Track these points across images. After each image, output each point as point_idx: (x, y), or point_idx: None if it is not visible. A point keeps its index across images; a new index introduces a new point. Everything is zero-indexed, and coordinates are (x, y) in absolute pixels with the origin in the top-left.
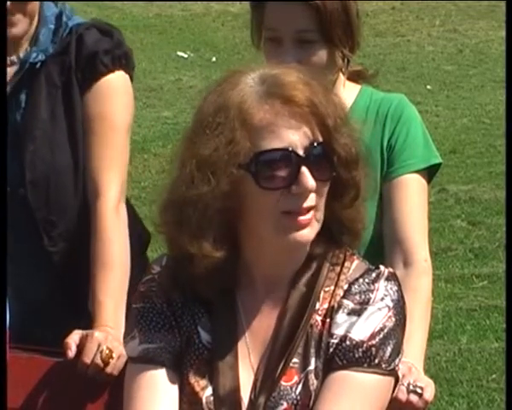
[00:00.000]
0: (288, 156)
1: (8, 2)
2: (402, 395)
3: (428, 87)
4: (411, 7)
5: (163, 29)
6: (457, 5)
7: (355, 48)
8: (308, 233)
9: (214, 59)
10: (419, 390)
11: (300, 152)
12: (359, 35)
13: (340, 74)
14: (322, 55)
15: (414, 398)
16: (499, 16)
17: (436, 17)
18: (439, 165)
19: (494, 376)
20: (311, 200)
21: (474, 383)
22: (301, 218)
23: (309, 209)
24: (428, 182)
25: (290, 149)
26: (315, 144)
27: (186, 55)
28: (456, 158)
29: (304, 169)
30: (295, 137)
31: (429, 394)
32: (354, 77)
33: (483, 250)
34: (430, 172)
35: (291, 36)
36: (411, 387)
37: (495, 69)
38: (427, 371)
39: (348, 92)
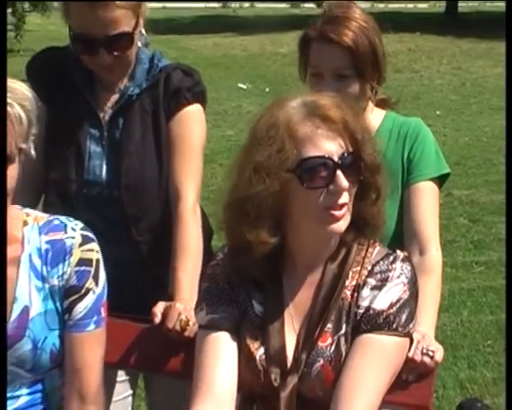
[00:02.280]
0: (326, 162)
1: (109, 59)
2: (417, 356)
3: (437, 113)
4: (424, 49)
5: (227, 66)
6: (460, 47)
7: (381, 81)
8: (342, 225)
9: (267, 89)
10: (431, 353)
11: (336, 159)
12: (385, 71)
13: (369, 102)
14: (355, 87)
15: (427, 359)
16: (494, 56)
17: (443, 57)
18: (447, 174)
19: (489, 342)
20: (344, 197)
21: (473, 348)
22: (337, 213)
23: (343, 205)
24: (439, 187)
25: (328, 156)
26: (347, 153)
27: (245, 87)
28: (460, 169)
29: (339, 172)
30: (332, 147)
31: (439, 356)
32: (380, 104)
33: (481, 242)
34: (441, 180)
35: (331, 72)
36: (425, 350)
37: (491, 99)
38: (436, 338)
39: (375, 116)
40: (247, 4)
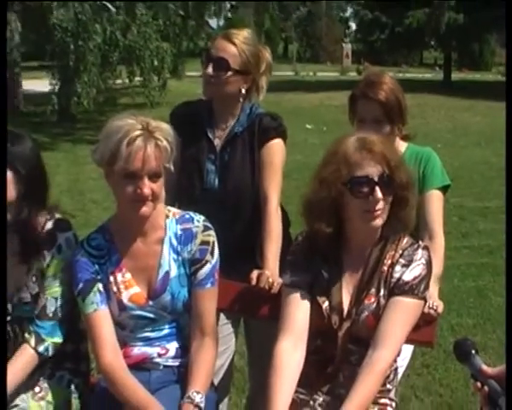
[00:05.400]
0: (368, 181)
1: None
2: (426, 309)
3: (438, 146)
4: (429, 104)
5: (298, 113)
6: (453, 103)
7: (404, 123)
8: (378, 222)
9: (325, 129)
10: (435, 307)
11: (375, 179)
12: (406, 117)
13: (397, 137)
14: (387, 129)
15: (432, 311)
16: (475, 110)
17: (442, 109)
18: (449, 185)
19: (471, 300)
20: (380, 204)
21: (460, 304)
22: (374, 214)
23: (378, 210)
24: (444, 194)
25: (370, 177)
26: (384, 175)
27: (310, 127)
28: (453, 184)
29: (377, 188)
30: (373, 171)
31: (440, 309)
32: (404, 138)
33: (467, 234)
34: (445, 189)
35: (370, 119)
36: (431, 305)
37: (473, 138)
38: (438, 297)
39: (401, 147)
40: (311, 73)
